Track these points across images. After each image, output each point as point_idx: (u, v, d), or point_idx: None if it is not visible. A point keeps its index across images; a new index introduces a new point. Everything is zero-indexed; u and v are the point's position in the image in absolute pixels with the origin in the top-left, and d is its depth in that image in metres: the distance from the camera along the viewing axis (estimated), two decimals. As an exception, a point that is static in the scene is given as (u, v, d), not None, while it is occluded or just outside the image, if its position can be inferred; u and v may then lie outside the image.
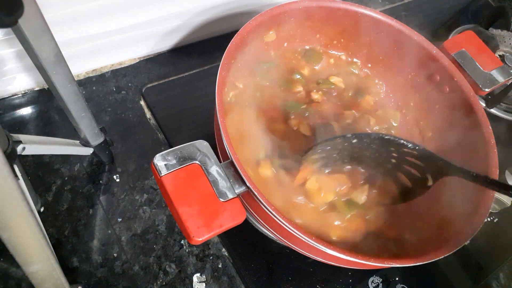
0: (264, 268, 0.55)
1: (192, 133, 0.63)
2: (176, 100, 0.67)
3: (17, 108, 0.62)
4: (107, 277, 0.52)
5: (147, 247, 0.55)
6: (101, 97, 0.66)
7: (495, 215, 0.67)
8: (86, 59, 0.66)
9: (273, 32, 0.58)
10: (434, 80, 0.59)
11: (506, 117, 0.79)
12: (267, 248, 0.56)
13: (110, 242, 0.54)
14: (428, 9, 0.96)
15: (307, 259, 0.46)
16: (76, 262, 0.52)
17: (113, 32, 0.64)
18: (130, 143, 0.62)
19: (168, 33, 0.71)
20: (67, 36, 0.60)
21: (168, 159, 0.39)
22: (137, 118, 0.65)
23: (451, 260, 0.61)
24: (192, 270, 0.54)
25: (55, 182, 0.57)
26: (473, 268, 0.62)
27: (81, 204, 0.56)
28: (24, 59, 0.59)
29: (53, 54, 0.38)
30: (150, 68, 0.71)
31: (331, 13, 0.59)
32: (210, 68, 0.72)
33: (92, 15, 0.60)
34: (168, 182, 0.38)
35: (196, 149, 0.41)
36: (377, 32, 0.61)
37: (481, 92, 0.57)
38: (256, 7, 0.75)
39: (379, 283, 0.57)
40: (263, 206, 0.40)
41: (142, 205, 0.57)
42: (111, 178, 0.59)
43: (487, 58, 0.60)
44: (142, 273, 0.53)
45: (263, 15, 0.54)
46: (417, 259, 0.41)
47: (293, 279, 0.55)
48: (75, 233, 0.54)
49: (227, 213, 0.39)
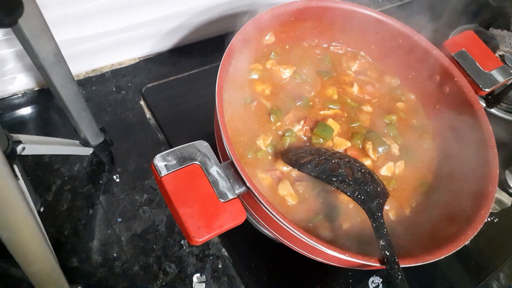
0: (264, 268, 0.55)
1: (192, 133, 0.63)
2: (176, 100, 0.67)
3: (17, 108, 0.62)
4: (107, 277, 0.52)
5: (147, 247, 0.54)
6: (101, 97, 0.66)
7: (495, 215, 0.67)
8: (86, 59, 0.66)
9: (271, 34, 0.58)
10: (434, 80, 0.59)
11: (506, 117, 0.79)
12: (267, 248, 0.56)
13: (110, 242, 0.54)
14: (428, 9, 0.96)
15: (307, 259, 0.46)
16: (76, 262, 0.52)
17: (113, 32, 0.64)
18: (130, 143, 0.62)
19: (168, 33, 0.71)
20: (67, 36, 0.60)
21: (168, 160, 0.39)
22: (137, 118, 0.65)
23: (451, 260, 0.61)
24: (192, 270, 0.54)
25: (55, 182, 0.57)
26: (473, 268, 0.62)
27: (81, 204, 0.56)
28: (24, 59, 0.59)
29: (53, 54, 0.38)
30: (150, 68, 0.71)
31: (330, 13, 0.59)
32: (210, 68, 0.72)
33: (92, 15, 0.60)
34: (168, 182, 0.38)
35: (196, 150, 0.41)
36: (377, 33, 0.61)
37: (481, 92, 0.57)
38: (256, 7, 0.75)
39: (379, 283, 0.57)
40: (263, 206, 0.40)
41: (142, 205, 0.57)
42: (111, 178, 0.59)
43: (487, 58, 0.60)
44: (142, 273, 0.53)
45: (263, 15, 0.54)
46: (417, 259, 0.41)
47: (293, 279, 0.55)
48: (75, 233, 0.54)
49: (227, 214, 0.39)
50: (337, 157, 0.49)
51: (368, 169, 0.50)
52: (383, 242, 0.41)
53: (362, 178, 0.47)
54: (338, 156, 0.50)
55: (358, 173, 0.47)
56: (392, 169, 0.54)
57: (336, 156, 0.50)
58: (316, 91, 0.59)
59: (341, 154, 0.52)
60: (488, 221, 0.66)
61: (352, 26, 0.61)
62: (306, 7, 0.57)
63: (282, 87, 0.58)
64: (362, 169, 0.49)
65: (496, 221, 0.67)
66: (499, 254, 0.64)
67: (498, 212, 0.65)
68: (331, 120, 0.55)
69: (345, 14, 0.59)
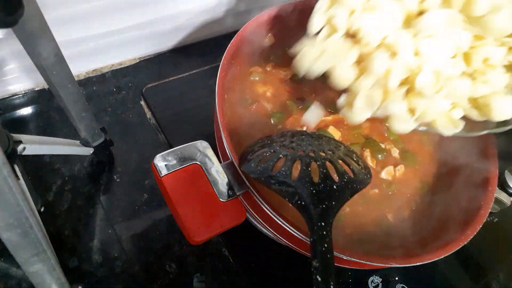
0: (264, 268, 0.55)
1: (192, 133, 0.63)
2: (176, 100, 0.67)
3: (18, 108, 0.62)
4: (108, 277, 0.52)
5: (147, 247, 0.55)
6: (101, 97, 0.66)
7: (495, 215, 0.67)
8: (86, 59, 0.66)
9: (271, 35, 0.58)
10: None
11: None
12: (267, 248, 0.56)
13: (110, 241, 0.54)
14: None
15: (307, 259, 0.46)
16: (76, 262, 0.52)
17: (113, 32, 0.64)
18: (130, 143, 0.62)
19: (168, 33, 0.71)
20: (67, 36, 0.60)
21: (168, 160, 0.39)
22: (137, 118, 0.65)
23: (451, 260, 0.61)
24: (192, 270, 0.54)
25: (55, 182, 0.57)
26: (473, 268, 0.62)
27: (82, 204, 0.56)
28: (24, 59, 0.59)
29: (53, 54, 0.38)
30: (150, 68, 0.71)
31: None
32: (210, 68, 0.72)
33: (92, 15, 0.60)
34: (169, 182, 0.38)
35: (196, 150, 0.41)
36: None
37: (481, 92, 0.57)
38: (256, 7, 0.75)
39: (379, 283, 0.57)
40: (263, 206, 0.40)
41: (142, 205, 0.57)
42: (111, 178, 0.59)
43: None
44: (143, 273, 0.53)
45: (263, 15, 0.54)
46: (417, 259, 0.41)
47: (293, 279, 0.55)
48: (75, 233, 0.54)
49: (227, 213, 0.39)
50: (294, 144, 0.39)
51: (349, 153, 0.40)
52: (317, 263, 0.31)
53: (323, 171, 0.35)
54: (298, 142, 0.40)
55: (321, 163, 0.36)
56: (392, 173, 0.54)
57: (294, 143, 0.39)
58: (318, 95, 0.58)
59: (307, 137, 0.41)
60: (488, 221, 0.66)
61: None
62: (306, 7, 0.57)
63: (284, 90, 0.58)
64: (329, 156, 0.38)
65: (495, 221, 0.67)
66: (499, 254, 0.64)
67: (498, 212, 0.65)
68: (332, 127, 0.55)
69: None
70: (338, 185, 0.35)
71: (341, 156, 0.39)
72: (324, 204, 0.33)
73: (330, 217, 0.33)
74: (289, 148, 0.38)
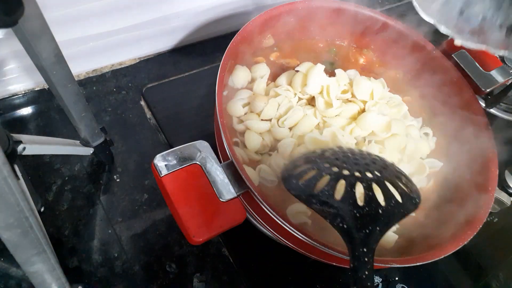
0: (264, 268, 0.55)
1: (192, 133, 0.63)
2: (176, 100, 0.67)
3: (17, 108, 0.62)
4: (108, 277, 0.52)
5: (148, 246, 0.55)
6: (101, 97, 0.66)
7: (495, 215, 0.67)
8: (86, 59, 0.66)
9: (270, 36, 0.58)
10: (434, 80, 0.59)
11: (506, 117, 0.78)
12: (267, 248, 0.56)
13: (110, 242, 0.54)
14: (428, 9, 0.96)
15: (307, 259, 0.46)
16: (76, 262, 0.52)
17: (113, 32, 0.64)
18: (130, 143, 0.62)
19: (168, 33, 0.71)
20: (67, 36, 0.60)
21: (168, 160, 0.39)
22: (137, 118, 0.65)
23: (451, 260, 0.61)
24: (192, 270, 0.54)
25: (55, 182, 0.57)
26: (473, 268, 0.62)
27: (82, 204, 0.56)
28: (24, 59, 0.59)
29: (53, 54, 0.38)
30: (150, 68, 0.71)
31: (331, 14, 0.59)
32: (210, 68, 0.72)
33: (92, 15, 0.60)
34: (169, 182, 0.38)
35: (196, 150, 0.41)
36: (377, 33, 0.61)
37: (481, 92, 0.57)
38: (256, 8, 0.75)
39: (379, 283, 0.57)
40: (263, 206, 0.40)
41: (142, 205, 0.57)
42: (111, 178, 0.59)
43: (487, 58, 0.60)
44: (143, 273, 0.53)
45: (263, 15, 0.54)
46: (417, 259, 0.41)
47: (293, 279, 0.55)
48: (75, 233, 0.54)
49: (227, 213, 0.39)
50: (339, 162, 0.37)
51: (398, 174, 0.37)
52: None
53: (369, 193, 0.34)
54: (344, 159, 0.38)
55: (366, 185, 0.34)
56: None
57: (340, 160, 0.38)
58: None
59: (353, 155, 0.39)
60: (488, 220, 0.66)
61: (352, 26, 0.61)
62: (306, 8, 0.57)
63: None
64: (376, 177, 0.36)
65: (495, 221, 0.67)
66: (499, 254, 0.64)
67: (497, 212, 0.65)
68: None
69: (347, 15, 0.59)
70: (384, 210, 0.33)
71: (389, 177, 0.36)
72: (367, 229, 0.32)
73: (373, 243, 0.31)
74: (334, 166, 0.37)
